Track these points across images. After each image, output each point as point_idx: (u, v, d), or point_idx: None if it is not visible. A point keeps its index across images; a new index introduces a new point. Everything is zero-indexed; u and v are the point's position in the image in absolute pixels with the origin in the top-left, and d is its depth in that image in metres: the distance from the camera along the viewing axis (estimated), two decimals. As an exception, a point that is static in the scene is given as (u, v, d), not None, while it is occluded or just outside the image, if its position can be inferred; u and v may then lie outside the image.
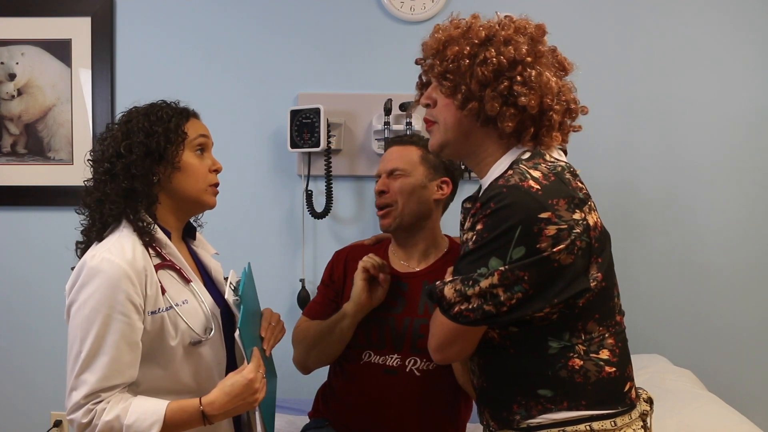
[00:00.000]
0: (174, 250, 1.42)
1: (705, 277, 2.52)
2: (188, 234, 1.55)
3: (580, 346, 1.26)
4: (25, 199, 2.57)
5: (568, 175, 1.27)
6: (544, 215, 1.18)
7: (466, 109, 1.29)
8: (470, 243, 1.23)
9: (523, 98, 1.25)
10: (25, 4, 2.54)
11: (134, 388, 1.33)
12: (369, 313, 1.70)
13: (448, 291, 1.24)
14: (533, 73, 1.25)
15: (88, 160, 1.43)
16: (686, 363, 2.32)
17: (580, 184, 1.29)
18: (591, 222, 1.25)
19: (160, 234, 1.39)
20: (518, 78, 1.26)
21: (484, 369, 1.37)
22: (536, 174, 1.22)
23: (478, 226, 1.22)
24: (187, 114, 1.46)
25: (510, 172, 1.25)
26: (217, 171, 1.48)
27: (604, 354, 1.28)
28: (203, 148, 1.46)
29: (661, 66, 2.51)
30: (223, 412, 1.31)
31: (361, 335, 1.69)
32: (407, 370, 1.66)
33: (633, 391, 1.32)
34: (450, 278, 1.25)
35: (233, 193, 2.53)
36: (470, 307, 1.21)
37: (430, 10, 2.50)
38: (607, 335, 1.29)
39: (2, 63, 2.56)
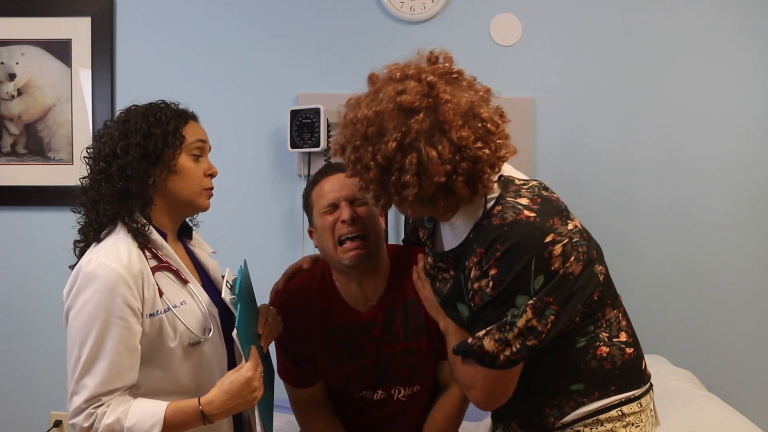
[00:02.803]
0: (170, 251, 1.41)
1: (706, 280, 2.52)
2: (184, 233, 1.54)
3: (603, 333, 1.30)
4: (25, 199, 2.57)
5: (544, 192, 1.29)
6: (548, 239, 1.20)
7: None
8: (488, 289, 1.22)
9: (408, 189, 1.21)
10: (25, 4, 2.54)
11: (135, 390, 1.33)
12: (349, 365, 1.63)
13: (489, 344, 1.22)
14: (413, 158, 1.19)
15: (85, 157, 1.42)
16: (686, 364, 2.32)
17: (554, 195, 1.31)
18: (579, 225, 1.28)
19: (155, 235, 1.39)
20: (400, 168, 1.21)
21: None
22: (525, 202, 1.23)
23: (492, 272, 1.20)
24: (186, 116, 1.45)
25: (499, 208, 1.23)
26: (212, 175, 1.47)
27: (623, 336, 1.32)
28: (200, 153, 1.45)
29: (661, 69, 2.50)
30: (223, 411, 1.31)
31: (353, 386, 1.65)
32: (394, 399, 1.66)
33: (647, 367, 1.37)
34: (483, 331, 1.23)
35: (234, 193, 2.54)
36: (514, 350, 1.21)
37: (430, 10, 2.50)
38: (620, 315, 1.34)
39: (2, 63, 2.56)
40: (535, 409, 1.32)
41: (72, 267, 1.37)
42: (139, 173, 1.35)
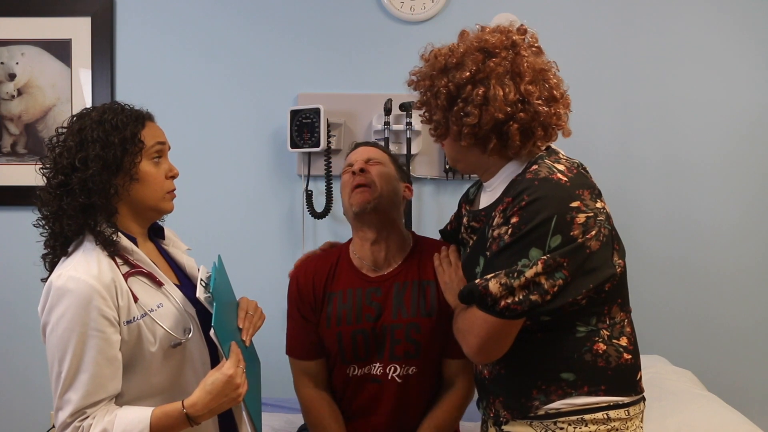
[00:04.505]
0: (141, 255, 1.39)
1: (705, 280, 2.52)
2: (156, 233, 1.52)
3: (604, 330, 1.32)
4: (25, 199, 2.54)
5: (583, 170, 1.37)
6: (574, 204, 1.25)
7: (447, 138, 1.39)
8: (506, 236, 1.26)
9: (469, 118, 1.30)
10: (25, 4, 2.54)
11: (119, 398, 1.32)
12: (346, 327, 1.66)
13: (494, 286, 1.25)
14: (480, 90, 1.30)
15: (41, 168, 1.37)
16: (686, 364, 2.33)
17: (592, 179, 1.38)
18: (608, 210, 1.32)
19: (125, 241, 1.36)
20: (466, 98, 1.32)
21: (504, 355, 1.37)
22: (561, 167, 1.30)
23: (513, 219, 1.25)
24: (143, 118, 1.40)
25: (535, 167, 1.30)
26: (173, 177, 1.44)
27: (624, 341, 1.33)
28: (160, 155, 1.42)
29: (661, 68, 2.51)
30: (208, 412, 1.30)
31: (347, 350, 1.66)
32: (389, 378, 1.66)
33: (641, 381, 1.37)
34: (491, 274, 1.26)
35: (233, 193, 2.54)
36: (516, 299, 1.24)
37: (430, 10, 2.50)
38: (626, 321, 1.36)
39: (2, 63, 2.56)
40: (524, 389, 1.33)
41: (44, 280, 1.35)
42: (101, 185, 1.32)
